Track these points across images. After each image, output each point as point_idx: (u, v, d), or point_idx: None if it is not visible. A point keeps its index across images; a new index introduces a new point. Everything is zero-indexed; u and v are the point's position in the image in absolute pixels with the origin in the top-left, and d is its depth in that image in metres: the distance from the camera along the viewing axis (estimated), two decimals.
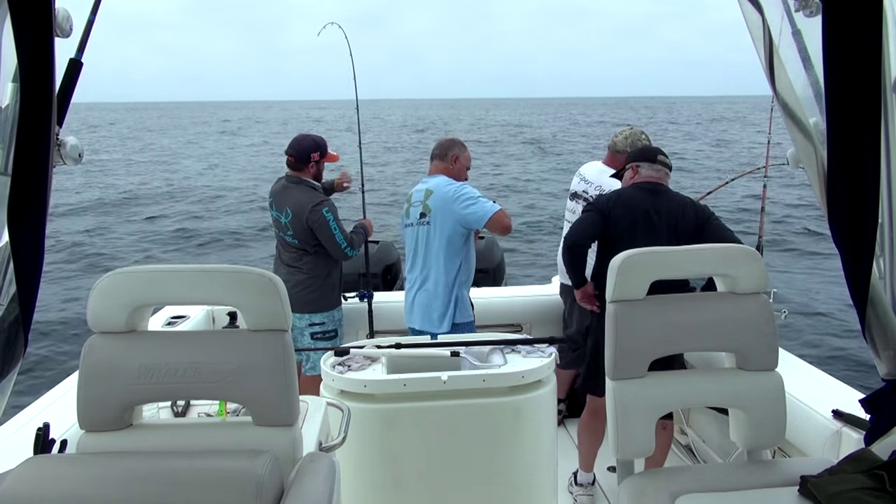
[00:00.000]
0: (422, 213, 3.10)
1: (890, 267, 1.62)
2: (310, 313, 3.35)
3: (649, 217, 2.64)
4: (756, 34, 1.62)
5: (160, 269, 1.49)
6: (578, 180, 3.42)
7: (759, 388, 1.83)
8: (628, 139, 3.26)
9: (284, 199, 3.34)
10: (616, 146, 3.29)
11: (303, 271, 3.36)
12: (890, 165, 1.54)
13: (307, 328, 3.37)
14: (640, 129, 3.33)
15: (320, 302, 3.39)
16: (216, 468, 1.27)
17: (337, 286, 3.49)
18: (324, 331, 3.41)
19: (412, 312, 3.20)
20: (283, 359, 1.45)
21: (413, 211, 3.16)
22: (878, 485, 1.51)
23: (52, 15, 1.32)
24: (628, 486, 1.77)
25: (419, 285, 3.15)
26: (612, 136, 3.41)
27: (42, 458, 1.39)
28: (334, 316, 3.44)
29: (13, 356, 1.42)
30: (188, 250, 12.18)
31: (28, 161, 1.33)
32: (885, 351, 1.68)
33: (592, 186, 3.29)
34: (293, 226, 3.29)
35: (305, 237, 3.30)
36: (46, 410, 2.26)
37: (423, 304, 3.13)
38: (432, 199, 3.07)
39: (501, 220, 3.01)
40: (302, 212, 3.25)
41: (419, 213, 3.11)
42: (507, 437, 2.26)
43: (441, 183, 3.09)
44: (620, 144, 3.27)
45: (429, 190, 3.10)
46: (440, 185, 3.07)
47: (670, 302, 1.88)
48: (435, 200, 3.05)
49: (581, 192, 3.38)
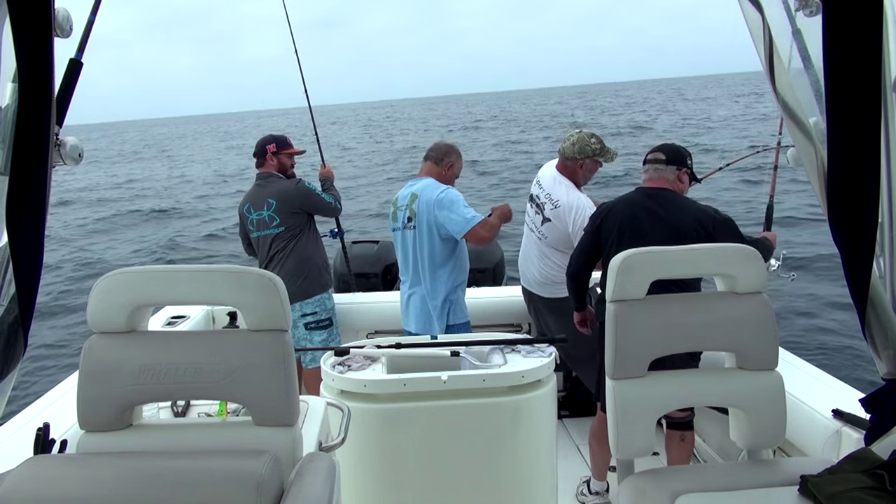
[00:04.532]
0: (408, 218, 3.10)
1: (890, 267, 1.62)
2: (301, 301, 3.41)
3: (637, 221, 2.60)
4: (756, 34, 1.62)
5: (160, 269, 1.49)
6: (535, 183, 3.35)
7: (759, 388, 1.83)
8: (575, 145, 3.14)
9: (262, 195, 3.49)
10: (565, 153, 3.18)
11: (290, 259, 3.43)
12: (890, 165, 1.54)
13: (300, 319, 3.43)
14: (590, 133, 3.19)
15: (311, 287, 3.45)
16: (216, 468, 1.27)
17: (323, 269, 3.56)
18: (317, 320, 3.45)
19: (408, 315, 3.21)
20: (283, 359, 1.45)
21: (400, 215, 3.16)
22: (879, 484, 1.51)
23: (51, 15, 1.32)
24: (628, 486, 1.77)
25: (412, 289, 3.16)
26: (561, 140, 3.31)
27: (42, 458, 1.39)
28: (325, 304, 3.50)
29: (13, 356, 1.42)
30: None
31: (27, 161, 1.33)
32: (885, 350, 1.68)
33: (544, 193, 3.22)
34: (279, 212, 3.43)
35: (294, 219, 3.45)
36: (46, 410, 2.26)
37: (418, 308, 3.14)
38: (418, 204, 3.06)
39: (478, 233, 3.00)
40: (286, 194, 3.44)
41: (406, 216, 3.12)
42: (507, 437, 2.26)
43: (427, 186, 3.08)
44: (568, 151, 3.16)
45: (414, 194, 3.10)
46: (425, 190, 3.07)
47: (670, 302, 1.88)
48: (420, 205, 3.05)
49: (536, 196, 3.30)
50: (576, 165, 3.17)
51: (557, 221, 3.14)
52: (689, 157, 2.73)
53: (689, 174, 2.72)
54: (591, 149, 3.14)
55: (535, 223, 3.29)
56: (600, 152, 3.16)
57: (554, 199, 3.16)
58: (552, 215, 3.16)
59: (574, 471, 3.16)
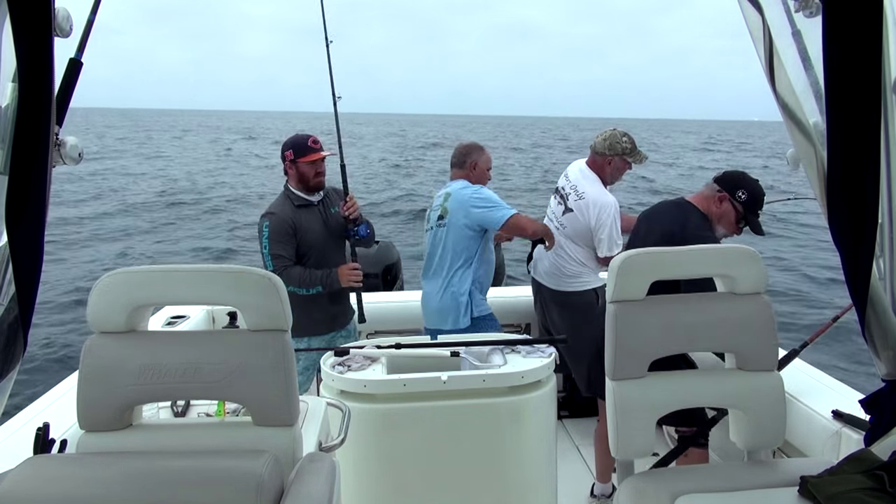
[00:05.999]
0: (440, 216, 3.14)
1: (890, 267, 1.62)
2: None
3: (639, 225, 2.76)
4: (756, 34, 1.62)
5: (160, 269, 1.49)
6: (563, 176, 3.44)
7: (759, 389, 1.83)
8: (607, 141, 3.23)
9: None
10: (595, 147, 3.28)
11: None
12: (890, 165, 1.54)
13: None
14: (623, 132, 3.27)
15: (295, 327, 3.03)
16: (216, 468, 1.27)
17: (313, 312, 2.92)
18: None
19: (430, 314, 3.22)
20: (283, 359, 1.45)
21: (433, 215, 3.21)
22: (878, 485, 1.51)
23: (51, 15, 1.32)
24: (628, 486, 1.77)
25: (435, 286, 3.17)
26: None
27: (42, 458, 1.39)
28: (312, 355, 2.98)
29: (13, 356, 1.42)
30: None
31: (27, 161, 1.33)
32: (885, 351, 1.67)
33: (570, 185, 3.30)
34: None
35: None
36: (46, 410, 2.26)
37: (438, 305, 3.15)
38: (450, 202, 3.11)
39: (519, 222, 3.04)
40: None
41: (438, 215, 3.16)
42: (507, 437, 2.26)
43: (459, 185, 3.14)
44: (599, 146, 3.25)
45: (448, 193, 3.15)
46: (458, 188, 3.12)
47: (670, 302, 1.88)
48: (452, 202, 3.10)
49: (561, 189, 3.39)
50: (604, 162, 3.23)
51: (579, 213, 3.19)
52: (745, 191, 2.55)
53: (733, 205, 2.56)
54: (621, 147, 3.20)
55: (555, 214, 3.35)
56: (630, 152, 3.23)
57: (580, 191, 3.22)
58: (575, 206, 3.22)
59: (574, 471, 3.16)
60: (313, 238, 2.93)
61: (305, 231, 2.91)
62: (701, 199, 2.63)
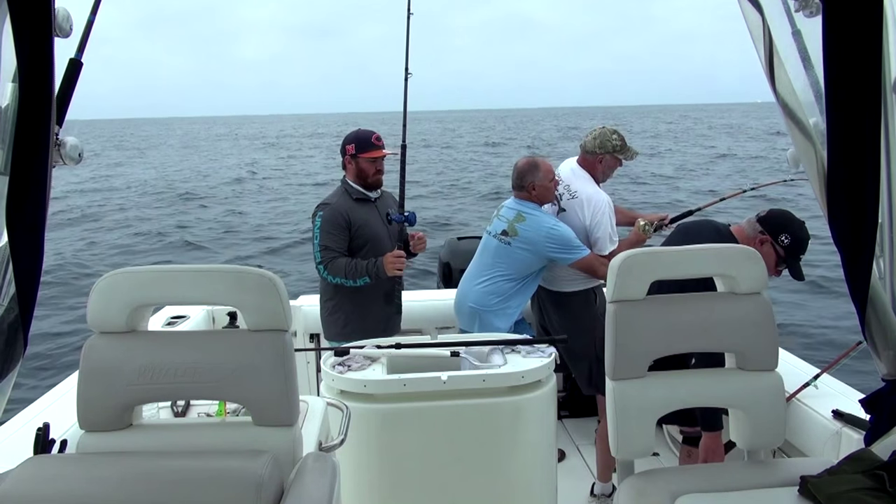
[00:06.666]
0: (504, 231, 3.09)
1: (890, 267, 1.62)
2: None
3: (675, 237, 2.76)
4: (756, 34, 1.62)
5: (160, 270, 1.49)
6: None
7: (759, 388, 1.83)
8: (597, 139, 3.17)
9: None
10: (586, 146, 3.22)
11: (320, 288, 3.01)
12: (890, 165, 1.54)
13: None
14: (613, 129, 3.23)
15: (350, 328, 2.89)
16: (216, 468, 1.27)
17: (341, 317, 2.92)
18: None
19: (463, 316, 3.21)
20: (283, 359, 1.44)
21: (497, 224, 3.15)
22: (878, 485, 1.51)
23: (51, 15, 1.32)
24: (628, 486, 1.77)
25: (476, 291, 3.14)
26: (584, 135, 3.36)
27: (42, 458, 1.39)
28: None
29: (13, 356, 1.42)
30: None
31: (27, 161, 1.33)
32: (885, 351, 1.68)
33: (562, 185, 3.24)
34: None
35: None
36: (46, 410, 2.26)
37: (472, 312, 3.14)
38: (524, 227, 3.05)
39: (591, 265, 3.00)
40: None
41: (502, 229, 3.11)
42: (507, 437, 2.26)
43: (531, 208, 3.08)
44: (589, 145, 3.19)
45: (521, 215, 3.07)
46: (536, 220, 3.04)
47: (670, 302, 1.88)
48: (525, 230, 3.03)
49: None
50: (595, 160, 3.18)
51: (572, 212, 3.16)
52: (788, 236, 2.43)
53: (774, 249, 2.45)
54: (611, 144, 3.16)
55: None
56: (621, 149, 3.18)
57: (572, 189, 3.18)
58: (568, 206, 3.18)
59: (574, 471, 3.16)
60: (370, 232, 2.90)
61: (362, 224, 2.89)
62: (743, 236, 2.52)
